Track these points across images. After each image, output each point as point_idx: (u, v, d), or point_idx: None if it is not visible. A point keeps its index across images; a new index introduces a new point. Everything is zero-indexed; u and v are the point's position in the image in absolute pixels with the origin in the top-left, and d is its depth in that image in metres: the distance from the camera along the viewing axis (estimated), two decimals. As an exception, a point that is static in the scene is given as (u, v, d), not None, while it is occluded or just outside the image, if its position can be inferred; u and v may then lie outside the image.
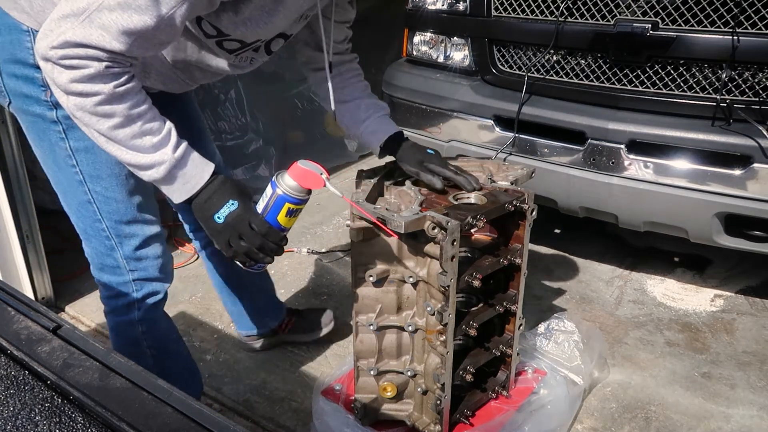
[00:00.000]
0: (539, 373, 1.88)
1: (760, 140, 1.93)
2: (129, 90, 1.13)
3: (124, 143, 1.14)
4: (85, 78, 1.07)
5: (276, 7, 1.23)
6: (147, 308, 1.56)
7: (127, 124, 1.13)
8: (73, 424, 0.67)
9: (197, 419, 0.67)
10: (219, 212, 1.23)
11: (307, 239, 3.09)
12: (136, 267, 1.51)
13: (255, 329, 2.20)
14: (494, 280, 1.71)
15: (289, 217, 1.28)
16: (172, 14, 1.08)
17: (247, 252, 1.25)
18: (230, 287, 2.07)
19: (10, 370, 0.75)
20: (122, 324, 1.58)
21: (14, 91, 1.31)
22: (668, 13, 2.04)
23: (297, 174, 1.25)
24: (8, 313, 0.85)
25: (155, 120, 1.18)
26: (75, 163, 1.37)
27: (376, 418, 1.70)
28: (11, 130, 2.28)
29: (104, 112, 1.11)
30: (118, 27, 1.05)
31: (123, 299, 1.53)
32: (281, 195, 1.25)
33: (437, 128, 2.63)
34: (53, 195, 1.53)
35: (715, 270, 2.76)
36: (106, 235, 1.46)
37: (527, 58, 2.42)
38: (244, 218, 1.23)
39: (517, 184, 1.69)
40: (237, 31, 1.25)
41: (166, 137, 1.18)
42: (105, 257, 1.49)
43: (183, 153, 1.21)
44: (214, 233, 1.26)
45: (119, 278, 1.51)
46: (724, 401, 2.01)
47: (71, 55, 1.05)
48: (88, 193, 1.41)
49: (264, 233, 1.23)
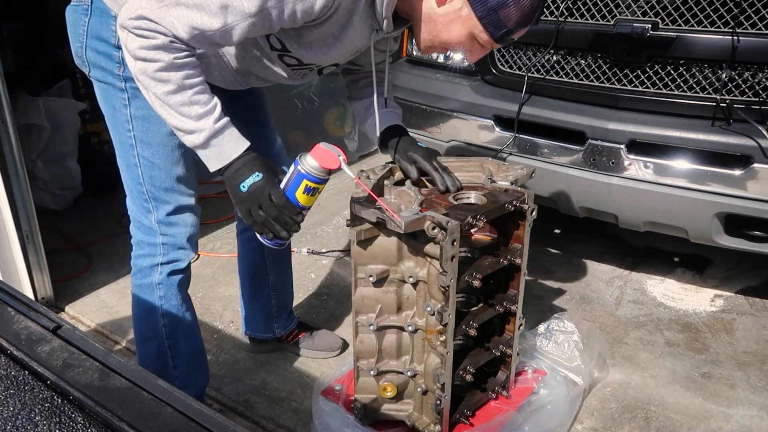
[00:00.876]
0: (539, 373, 1.88)
1: (760, 140, 1.93)
2: (186, 63, 1.29)
3: (175, 108, 1.30)
4: (151, 47, 1.24)
5: (335, 43, 1.39)
6: (168, 273, 1.69)
7: (179, 91, 1.29)
8: (73, 424, 0.67)
9: (197, 419, 0.67)
10: (245, 182, 1.35)
11: (307, 239, 3.09)
12: (166, 232, 1.65)
13: (261, 332, 2.21)
14: (494, 280, 1.71)
15: (307, 194, 1.37)
16: (234, 25, 1.25)
17: (264, 222, 1.37)
18: (254, 280, 2.13)
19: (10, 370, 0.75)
20: (144, 286, 1.71)
21: (94, 62, 1.52)
22: (668, 13, 2.04)
23: (317, 153, 1.35)
24: (8, 313, 0.85)
25: (204, 93, 1.33)
26: (131, 128, 1.54)
27: (376, 418, 1.70)
28: (11, 130, 2.28)
29: (162, 78, 1.27)
30: (189, 21, 1.23)
31: (149, 260, 1.68)
32: (300, 172, 1.36)
33: (437, 128, 2.63)
34: (53, 195, 1.58)
35: (715, 270, 2.77)
36: (145, 198, 1.62)
37: (527, 58, 2.42)
38: (265, 189, 1.35)
39: (517, 184, 1.69)
40: (299, 51, 1.42)
41: (211, 109, 1.33)
42: (142, 217, 1.65)
43: (223, 126, 1.34)
44: (238, 201, 1.38)
45: (151, 239, 1.66)
46: (724, 401, 2.01)
47: (143, 27, 1.23)
48: (136, 157, 1.57)
49: (281, 205, 1.35)
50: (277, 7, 1.23)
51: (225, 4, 1.22)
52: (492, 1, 1.29)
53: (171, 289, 1.71)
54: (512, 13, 1.30)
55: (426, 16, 1.37)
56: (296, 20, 1.28)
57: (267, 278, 2.10)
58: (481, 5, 1.30)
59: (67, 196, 3.45)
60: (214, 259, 2.93)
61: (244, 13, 1.23)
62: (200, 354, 1.87)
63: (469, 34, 1.36)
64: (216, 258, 2.94)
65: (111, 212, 3.35)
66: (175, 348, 1.76)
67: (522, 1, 1.29)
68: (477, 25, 1.33)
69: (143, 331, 1.77)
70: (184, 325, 1.77)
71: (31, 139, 3.25)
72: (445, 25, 1.36)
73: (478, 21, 1.32)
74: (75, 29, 1.51)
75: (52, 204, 3.38)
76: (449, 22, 1.35)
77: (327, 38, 1.38)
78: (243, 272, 2.14)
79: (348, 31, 1.37)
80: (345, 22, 1.34)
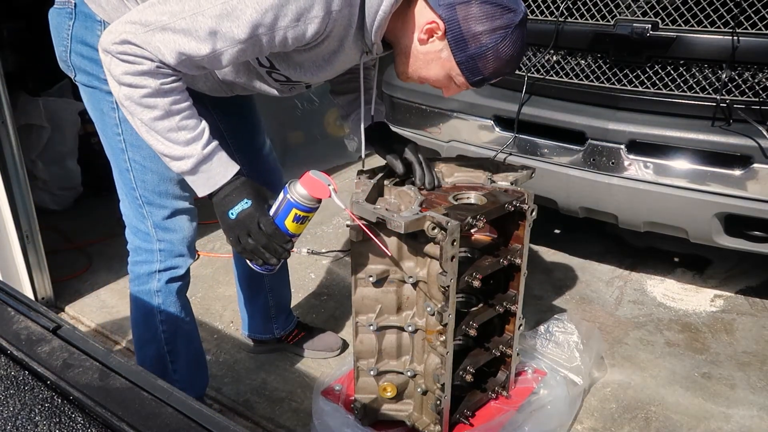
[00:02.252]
0: (539, 374, 1.88)
1: (760, 140, 1.93)
2: (173, 89, 1.25)
3: (162, 134, 1.27)
4: (137, 72, 1.21)
5: (325, 66, 1.38)
6: (166, 280, 1.67)
7: (167, 117, 1.25)
8: (73, 425, 0.67)
9: (197, 419, 0.67)
10: (233, 209, 1.32)
11: (307, 239, 3.09)
12: (163, 238, 1.63)
13: (261, 333, 2.21)
14: (494, 280, 1.71)
15: (297, 223, 1.34)
16: (223, 51, 1.22)
17: (253, 249, 1.34)
18: (251, 282, 2.12)
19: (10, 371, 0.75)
20: (142, 293, 1.69)
21: (80, 67, 1.48)
22: (668, 13, 2.04)
23: (306, 182, 1.32)
24: (8, 313, 0.85)
25: (192, 118, 1.29)
26: (120, 131, 1.51)
27: (376, 418, 1.70)
28: (11, 130, 2.28)
29: (148, 104, 1.23)
30: (176, 47, 1.19)
31: (147, 266, 1.65)
32: (290, 200, 1.32)
33: (437, 128, 2.63)
34: (53, 195, 1.57)
35: (715, 270, 2.77)
36: (139, 203, 1.59)
37: (527, 58, 2.41)
38: (254, 217, 1.32)
39: (517, 184, 1.69)
40: (288, 71, 1.40)
41: (199, 135, 1.29)
42: (138, 222, 1.63)
43: (211, 151, 1.31)
44: (227, 228, 1.36)
45: (148, 245, 1.64)
46: (724, 401, 2.01)
47: (128, 52, 1.19)
48: (128, 161, 1.55)
49: (270, 233, 1.32)
50: (267, 34, 1.21)
51: (214, 30, 1.18)
52: (471, 49, 1.30)
53: (170, 296, 1.69)
54: (490, 63, 1.32)
55: (408, 51, 1.38)
56: (287, 46, 1.26)
57: (263, 280, 2.10)
58: (461, 52, 1.31)
59: (67, 196, 3.45)
60: (214, 259, 2.93)
61: (233, 39, 1.20)
62: (199, 357, 1.86)
63: (447, 75, 1.38)
64: (216, 258, 2.94)
65: (111, 212, 3.31)
66: (174, 352, 1.75)
67: (500, 54, 1.30)
68: (455, 68, 1.35)
69: (142, 335, 1.76)
70: (183, 329, 1.76)
71: (31, 139, 3.25)
72: (425, 63, 1.37)
73: (456, 65, 1.34)
74: (59, 33, 1.48)
75: (52, 204, 3.38)
76: (429, 61, 1.37)
77: (317, 61, 1.36)
78: (239, 275, 2.14)
79: (339, 56, 1.36)
80: (336, 48, 1.34)
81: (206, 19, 1.17)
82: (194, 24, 1.18)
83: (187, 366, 1.80)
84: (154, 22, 1.18)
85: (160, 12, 1.18)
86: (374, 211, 1.43)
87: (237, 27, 1.18)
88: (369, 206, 1.45)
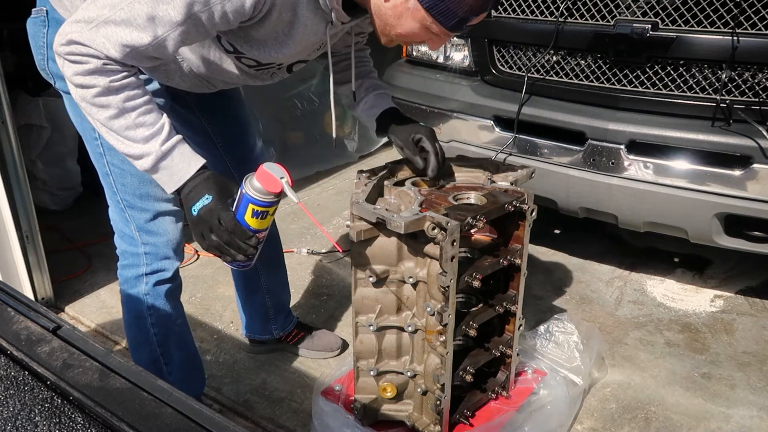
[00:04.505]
0: (539, 374, 1.87)
1: (760, 140, 1.93)
2: (125, 85, 1.23)
3: (120, 133, 1.25)
4: (86, 72, 1.20)
5: (287, 41, 1.34)
6: (154, 283, 1.66)
7: (121, 114, 1.24)
8: (73, 425, 0.67)
9: (197, 419, 0.67)
10: (195, 205, 1.30)
11: (307, 239, 3.09)
12: (147, 241, 1.61)
13: (260, 334, 2.21)
14: (494, 280, 1.71)
15: (256, 218, 1.30)
16: (165, 37, 1.21)
17: (217, 246, 1.31)
18: (247, 284, 2.12)
19: (10, 371, 0.75)
20: (131, 297, 1.67)
21: (57, 74, 1.50)
22: (668, 13, 2.04)
23: (261, 176, 1.27)
24: (8, 313, 0.85)
25: (149, 113, 1.27)
26: (97, 135, 1.51)
27: (375, 418, 1.70)
28: (11, 130, 2.28)
29: (101, 103, 1.22)
30: (119, 39, 1.18)
31: (134, 270, 1.64)
32: (246, 195, 1.28)
33: (437, 129, 2.63)
34: (53, 195, 1.57)
35: (715, 270, 2.77)
36: (121, 207, 1.59)
37: (527, 58, 2.42)
38: (215, 213, 1.29)
39: (516, 184, 1.69)
40: (252, 52, 1.37)
41: (158, 131, 1.27)
42: (123, 226, 1.62)
43: (171, 147, 1.28)
44: (191, 225, 1.33)
45: (133, 248, 1.63)
46: (724, 402, 2.01)
47: (75, 52, 1.19)
48: (107, 166, 1.55)
49: (230, 229, 1.28)
50: (205, 11, 1.19)
51: (152, 15, 1.17)
52: None
53: (159, 299, 1.67)
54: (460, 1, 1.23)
55: (376, 10, 1.32)
56: (230, 22, 1.23)
57: (259, 282, 2.09)
58: None
59: (67, 196, 3.45)
60: (214, 260, 2.93)
61: (171, 22, 1.18)
62: (193, 358, 1.85)
63: (421, 26, 1.29)
64: (216, 258, 2.93)
65: (111, 212, 3.35)
66: (168, 355, 1.74)
67: None
68: (426, 17, 1.26)
69: (135, 337, 1.75)
70: (175, 332, 1.75)
71: (31, 139, 3.25)
72: (396, 18, 1.30)
73: (426, 12, 1.25)
74: (36, 41, 1.49)
75: (52, 204, 3.38)
76: (398, 16, 1.29)
77: (278, 36, 1.32)
78: (235, 277, 2.14)
79: (297, 27, 1.32)
80: (291, 19, 1.29)
81: (142, 6, 1.17)
82: (132, 12, 1.17)
83: (181, 367, 1.79)
84: (97, 17, 1.18)
85: (101, 6, 1.18)
86: (374, 211, 1.43)
87: (173, 9, 1.17)
88: (369, 206, 1.45)
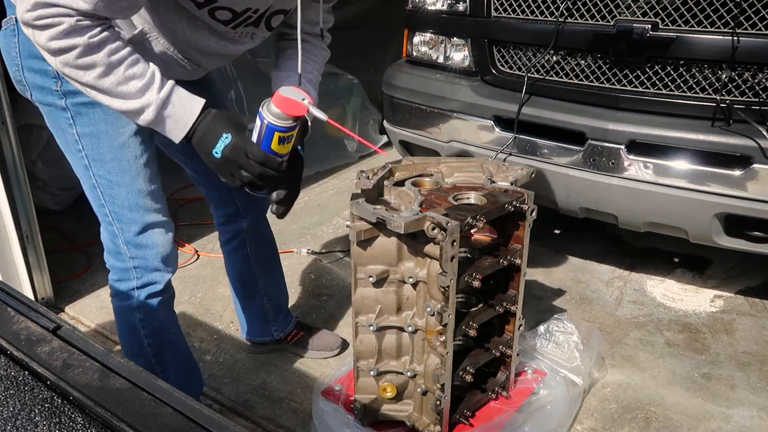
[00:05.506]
0: (539, 374, 1.88)
1: (760, 140, 1.93)
2: (105, 39, 1.18)
3: (112, 91, 1.20)
4: (61, 34, 1.13)
5: None
6: (145, 296, 1.61)
7: (110, 71, 1.19)
8: (73, 425, 0.67)
9: (197, 420, 0.67)
10: (216, 147, 1.27)
11: (307, 239, 3.09)
12: (136, 255, 1.56)
13: (259, 336, 2.20)
14: (494, 280, 1.71)
15: (282, 144, 1.31)
16: None
17: (250, 182, 1.31)
18: (244, 288, 2.10)
19: (10, 371, 0.75)
20: (123, 309, 1.65)
21: (33, 83, 1.42)
22: (668, 13, 2.04)
23: (280, 103, 1.27)
24: (8, 313, 0.85)
25: (137, 64, 1.22)
26: (81, 147, 1.45)
27: (375, 418, 1.70)
28: (11, 130, 2.28)
29: (86, 64, 1.17)
30: None
31: (125, 284, 1.60)
32: (269, 125, 1.28)
33: (437, 129, 2.63)
34: (53, 195, 1.56)
35: (715, 270, 2.77)
36: (109, 220, 1.54)
37: (527, 58, 2.42)
38: (240, 149, 1.27)
39: (516, 184, 1.69)
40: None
41: (150, 80, 1.23)
42: (110, 242, 1.58)
43: (169, 92, 1.25)
44: (216, 168, 1.31)
45: (121, 264, 1.58)
46: (724, 402, 2.01)
47: (44, 15, 1.11)
48: (93, 178, 1.49)
49: (261, 161, 1.28)
50: None
51: None
52: None
53: (150, 312, 1.64)
54: None
55: None
56: None
57: (257, 285, 2.08)
58: None
59: (67, 197, 3.45)
60: (214, 260, 2.93)
61: None
62: (190, 365, 1.84)
63: None
64: (216, 258, 2.94)
65: (111, 212, 3.35)
66: (163, 363, 1.73)
67: None
68: None
69: (130, 348, 1.72)
70: (169, 342, 1.74)
71: (31, 139, 3.25)
72: None
73: None
74: (9, 53, 1.42)
75: (51, 204, 3.37)
76: None
77: None
78: (232, 281, 2.12)
79: None
80: None
81: None
82: None
83: (178, 374, 1.78)
84: None
85: None
86: (374, 211, 1.43)
87: None
88: (369, 206, 1.45)
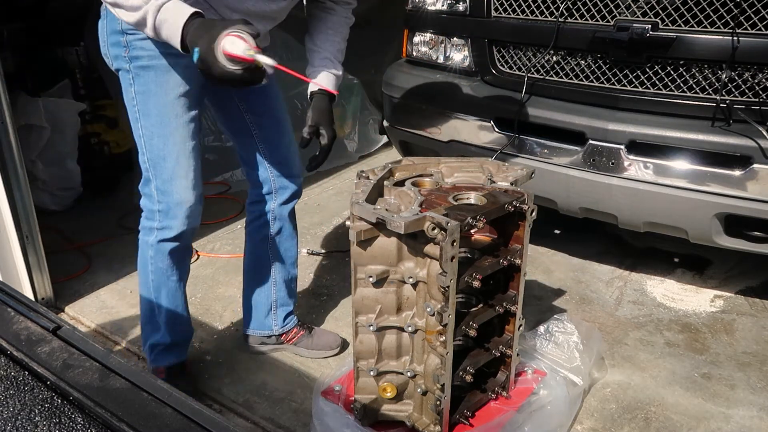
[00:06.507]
0: (539, 374, 1.87)
1: (760, 141, 1.93)
2: None
3: (125, 5, 1.42)
4: None
5: None
6: (159, 239, 1.84)
7: None
8: (73, 425, 0.67)
9: (197, 419, 0.67)
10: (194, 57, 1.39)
11: (307, 240, 3.09)
12: (162, 200, 1.79)
13: (260, 328, 2.21)
14: (494, 280, 1.71)
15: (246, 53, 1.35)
16: None
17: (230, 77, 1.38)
18: (256, 274, 2.17)
19: (10, 371, 0.75)
20: (143, 243, 1.89)
21: (112, 54, 1.71)
22: (668, 13, 2.04)
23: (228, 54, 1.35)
24: (8, 313, 0.85)
25: None
26: (135, 103, 1.72)
27: (375, 418, 1.70)
28: (11, 130, 2.28)
29: None
30: None
31: (149, 222, 1.85)
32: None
33: (437, 129, 2.63)
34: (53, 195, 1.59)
35: (715, 271, 2.77)
36: (146, 167, 1.78)
37: (527, 58, 2.42)
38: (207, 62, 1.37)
39: (516, 184, 1.69)
40: None
41: None
42: (144, 186, 1.82)
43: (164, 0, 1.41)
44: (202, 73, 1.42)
45: (151, 205, 1.83)
46: (724, 402, 2.01)
47: None
48: (140, 129, 1.74)
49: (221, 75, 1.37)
50: None
51: None
52: None
53: (159, 253, 1.85)
54: None
55: None
56: None
57: (269, 272, 2.13)
58: None
59: (67, 197, 3.45)
60: (214, 260, 2.93)
61: None
62: (181, 312, 1.99)
63: None
64: (216, 258, 2.94)
65: (111, 212, 3.35)
66: (158, 300, 1.94)
67: None
68: None
69: (140, 276, 1.94)
70: (168, 286, 1.92)
71: (31, 139, 3.25)
72: None
73: None
74: (101, 35, 1.70)
75: (52, 204, 3.37)
76: None
77: None
78: (246, 266, 2.18)
79: None
80: None
81: None
82: None
83: (168, 315, 1.95)
84: None
85: None
86: (374, 211, 1.43)
87: None
88: (369, 206, 1.45)
